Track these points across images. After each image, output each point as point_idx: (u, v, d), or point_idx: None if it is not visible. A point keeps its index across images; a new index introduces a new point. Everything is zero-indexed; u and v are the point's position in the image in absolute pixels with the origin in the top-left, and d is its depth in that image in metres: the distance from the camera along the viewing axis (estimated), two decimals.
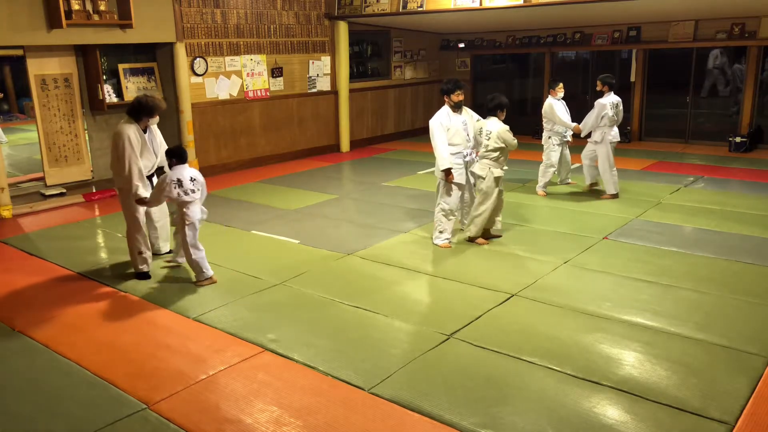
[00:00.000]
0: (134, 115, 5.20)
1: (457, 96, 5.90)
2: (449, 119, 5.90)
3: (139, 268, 5.36)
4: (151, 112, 5.23)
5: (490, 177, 5.85)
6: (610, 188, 7.61)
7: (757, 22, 10.14)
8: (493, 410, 3.34)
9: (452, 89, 5.90)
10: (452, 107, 5.94)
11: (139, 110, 5.19)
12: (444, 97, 5.98)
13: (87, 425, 3.31)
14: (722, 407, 3.32)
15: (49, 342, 4.27)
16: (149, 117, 5.26)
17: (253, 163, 10.35)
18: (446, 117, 5.90)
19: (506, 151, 5.89)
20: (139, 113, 5.19)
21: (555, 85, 7.88)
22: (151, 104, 5.20)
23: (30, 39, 7.53)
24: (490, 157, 5.86)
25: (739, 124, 10.82)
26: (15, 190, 8.23)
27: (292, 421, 3.30)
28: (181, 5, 8.94)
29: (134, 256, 5.37)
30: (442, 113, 5.92)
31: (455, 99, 5.90)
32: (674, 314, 4.43)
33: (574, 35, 11.93)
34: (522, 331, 4.26)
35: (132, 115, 5.20)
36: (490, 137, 5.80)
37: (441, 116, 5.91)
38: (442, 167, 5.85)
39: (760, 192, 7.74)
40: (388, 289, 5.06)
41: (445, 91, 5.95)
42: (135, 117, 5.19)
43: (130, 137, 5.08)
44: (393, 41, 12.49)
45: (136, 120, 5.20)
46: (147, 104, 5.19)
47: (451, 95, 5.91)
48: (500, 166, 5.90)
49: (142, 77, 9.01)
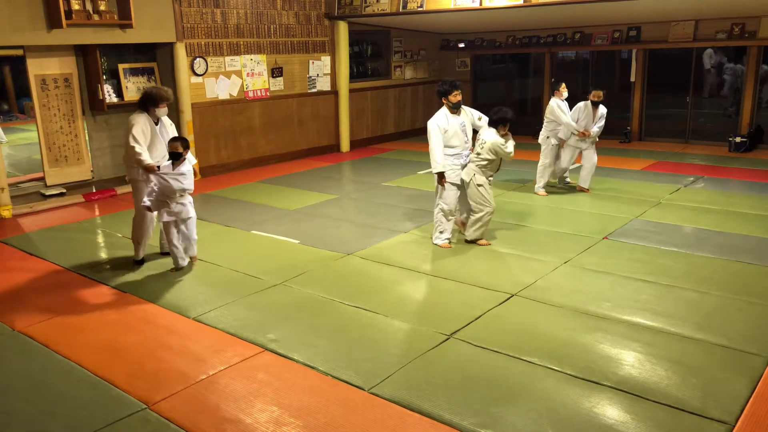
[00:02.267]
0: (142, 105, 5.45)
1: (454, 96, 5.83)
2: (447, 121, 5.85)
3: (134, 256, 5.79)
4: (156, 101, 5.41)
5: (472, 184, 5.86)
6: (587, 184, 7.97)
7: (757, 22, 10.13)
8: (493, 410, 3.34)
9: (449, 90, 5.83)
10: (450, 108, 5.90)
11: (145, 100, 5.44)
12: (442, 99, 5.92)
13: (87, 425, 3.31)
14: (722, 407, 3.32)
15: (49, 342, 4.27)
16: (155, 107, 5.44)
17: (253, 163, 10.35)
18: (444, 119, 5.85)
19: (496, 164, 5.86)
20: (145, 103, 5.44)
21: (558, 86, 7.84)
22: (155, 94, 5.42)
23: (30, 39, 7.53)
24: (477, 164, 5.85)
25: (739, 124, 10.82)
26: (15, 190, 8.24)
27: (292, 421, 3.30)
28: (181, 5, 8.94)
29: (134, 244, 5.78)
30: (440, 115, 5.88)
31: (453, 100, 5.84)
32: (674, 314, 4.43)
33: (574, 35, 11.93)
34: (522, 331, 4.26)
35: (140, 106, 5.47)
36: (483, 147, 5.80)
37: (439, 118, 5.86)
38: (434, 170, 5.85)
39: (760, 192, 7.74)
40: (388, 289, 5.06)
41: (442, 92, 5.87)
42: (142, 107, 5.45)
43: (140, 124, 5.37)
44: (393, 41, 12.49)
45: (145, 110, 5.44)
46: (151, 94, 5.42)
47: (448, 96, 5.84)
48: (485, 174, 5.87)
49: (142, 77, 9.01)
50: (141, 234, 5.67)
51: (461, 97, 5.92)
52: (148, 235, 5.72)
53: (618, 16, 10.76)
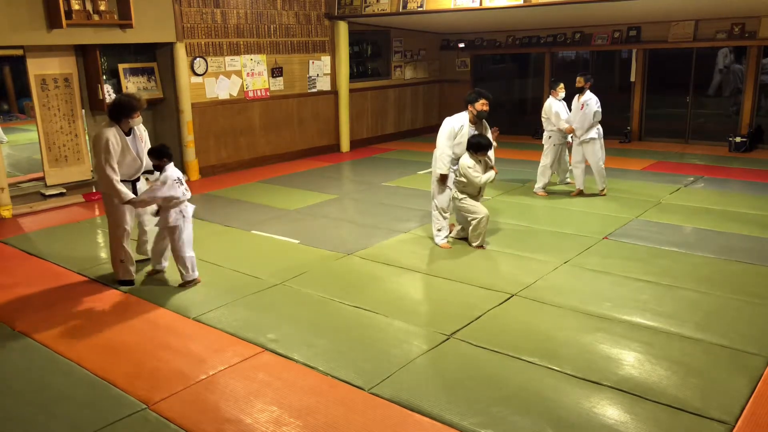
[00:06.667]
0: (114, 116, 4.88)
1: (481, 105, 5.72)
2: (461, 130, 5.76)
3: (120, 277, 5.23)
4: (128, 111, 4.86)
5: (456, 199, 5.89)
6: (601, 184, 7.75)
7: (757, 22, 10.14)
8: (493, 410, 3.34)
9: (476, 98, 5.73)
10: (473, 117, 5.78)
11: (117, 111, 4.87)
12: (468, 106, 5.79)
13: (87, 425, 3.31)
14: (722, 407, 3.32)
15: (49, 342, 4.27)
16: (128, 117, 4.90)
17: (253, 163, 10.35)
18: (459, 126, 5.76)
19: (474, 186, 5.79)
20: (118, 114, 4.87)
21: (556, 85, 7.84)
22: (126, 103, 4.85)
23: (30, 39, 7.53)
24: (456, 180, 5.86)
25: (739, 124, 10.83)
26: (15, 190, 8.23)
27: (292, 421, 3.30)
28: (181, 5, 8.94)
29: (115, 265, 5.22)
30: (458, 121, 5.78)
31: (479, 108, 5.73)
32: (674, 314, 4.43)
33: (574, 35, 11.93)
34: (522, 331, 4.26)
35: (111, 117, 4.88)
36: (458, 169, 5.80)
37: (454, 122, 5.78)
38: (439, 171, 5.85)
39: (760, 192, 7.74)
40: (388, 289, 5.06)
41: (469, 101, 5.77)
42: (115, 118, 4.88)
43: (109, 140, 4.80)
44: (393, 41, 12.49)
45: (117, 121, 4.89)
46: (122, 103, 4.85)
47: (474, 104, 5.73)
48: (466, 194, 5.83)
49: (142, 77, 9.01)
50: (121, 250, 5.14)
51: (488, 108, 5.78)
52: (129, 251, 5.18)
53: (618, 16, 10.76)
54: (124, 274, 5.23)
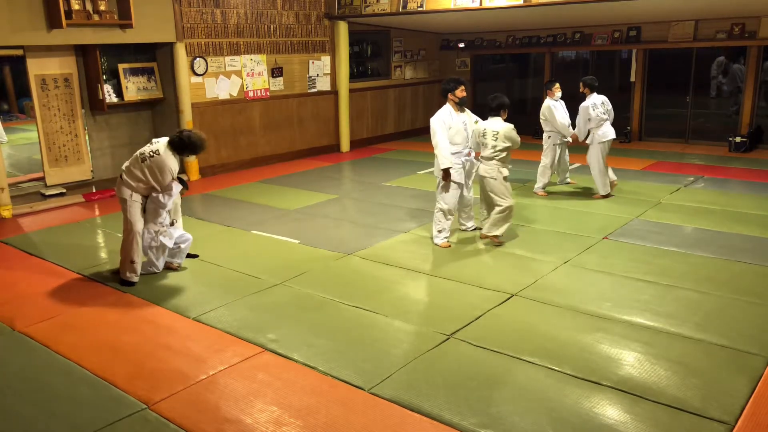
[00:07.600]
0: (179, 150, 5.23)
1: (461, 92, 5.90)
2: (451, 118, 5.88)
3: (127, 276, 5.27)
4: (191, 152, 5.34)
5: (499, 177, 5.86)
6: (600, 189, 7.61)
7: (757, 22, 10.13)
8: (493, 410, 3.34)
9: (455, 86, 5.89)
10: (455, 105, 5.92)
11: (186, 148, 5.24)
12: (448, 95, 5.93)
13: (87, 425, 3.31)
14: (722, 407, 3.32)
15: (49, 342, 4.27)
16: (192, 154, 5.38)
17: (253, 163, 10.35)
18: (448, 115, 5.88)
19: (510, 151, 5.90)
20: (184, 150, 5.25)
21: (551, 85, 7.83)
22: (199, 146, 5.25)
23: (30, 39, 7.53)
24: (498, 158, 5.85)
25: (739, 124, 10.82)
26: (15, 190, 8.23)
27: (292, 421, 3.30)
28: (181, 5, 8.94)
29: (125, 264, 5.28)
30: (444, 111, 5.90)
31: (459, 95, 5.89)
32: (674, 314, 4.43)
33: (574, 35, 11.93)
34: (522, 331, 4.26)
35: (176, 150, 5.22)
36: (498, 137, 5.80)
37: (443, 114, 5.89)
38: (442, 166, 5.84)
39: (760, 192, 7.74)
40: (388, 289, 5.06)
41: (447, 89, 5.92)
42: (179, 151, 5.23)
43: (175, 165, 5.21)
44: (393, 41, 12.49)
45: (180, 154, 5.26)
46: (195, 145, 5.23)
47: (455, 92, 5.89)
48: (506, 165, 5.90)
49: (142, 77, 9.01)
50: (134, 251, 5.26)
51: (466, 94, 5.97)
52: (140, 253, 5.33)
53: (618, 16, 10.76)
54: (131, 275, 5.28)
